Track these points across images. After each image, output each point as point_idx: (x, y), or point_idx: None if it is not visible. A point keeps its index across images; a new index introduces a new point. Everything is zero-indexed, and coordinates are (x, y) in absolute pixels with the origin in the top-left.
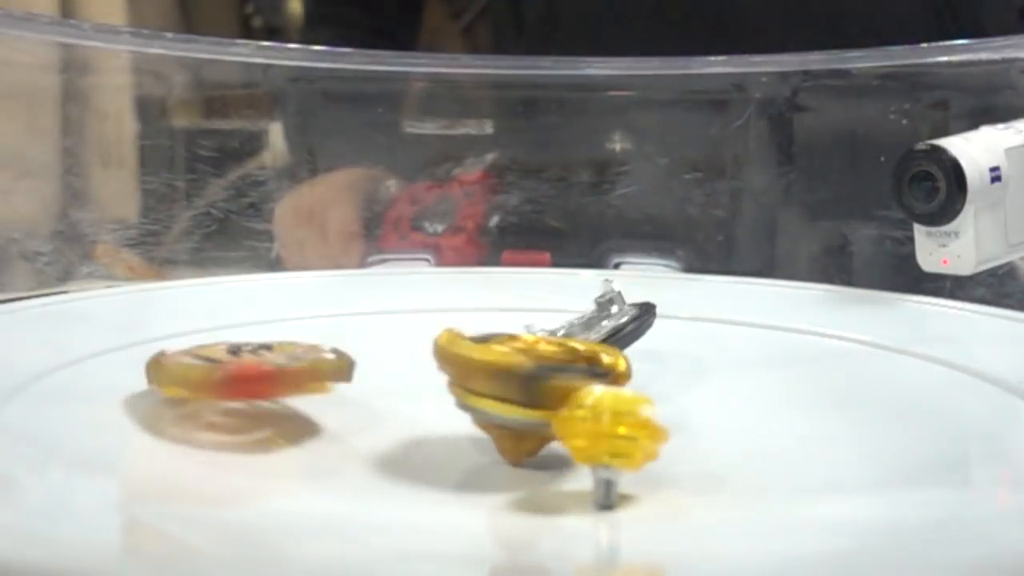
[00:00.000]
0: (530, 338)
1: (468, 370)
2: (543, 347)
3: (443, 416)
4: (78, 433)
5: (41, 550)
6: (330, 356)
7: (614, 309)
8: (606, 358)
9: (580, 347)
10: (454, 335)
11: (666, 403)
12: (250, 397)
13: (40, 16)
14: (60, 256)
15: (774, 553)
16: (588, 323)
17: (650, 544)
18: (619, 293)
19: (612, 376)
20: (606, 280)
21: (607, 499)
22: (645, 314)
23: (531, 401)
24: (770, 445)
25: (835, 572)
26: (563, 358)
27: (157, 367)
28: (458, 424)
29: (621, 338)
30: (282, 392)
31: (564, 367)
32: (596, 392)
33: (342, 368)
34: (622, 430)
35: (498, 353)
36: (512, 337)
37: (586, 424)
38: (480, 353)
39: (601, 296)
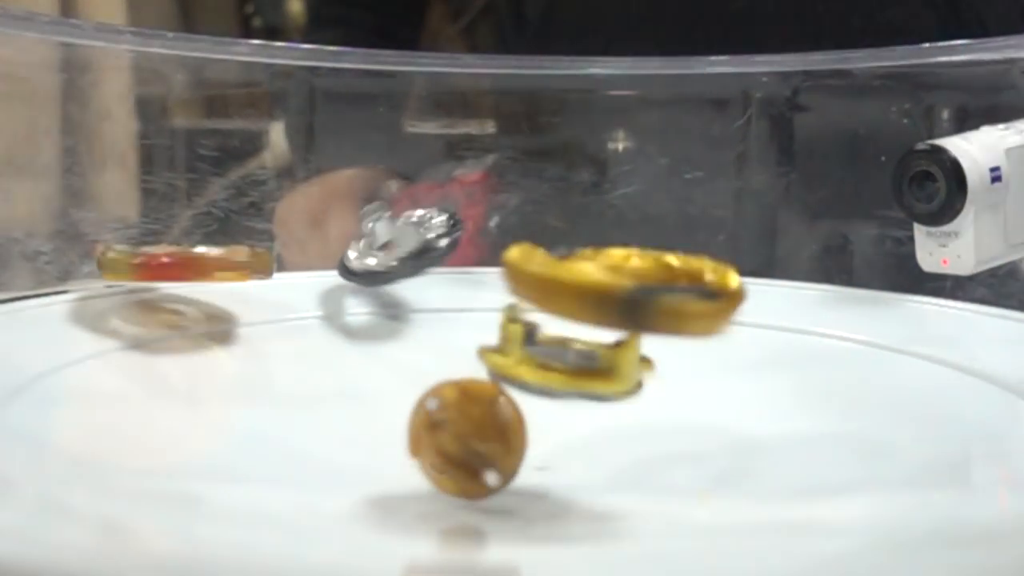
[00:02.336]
0: (619, 253)
1: (551, 293)
2: (637, 263)
3: None
4: (78, 433)
5: (40, 550)
6: (245, 251)
7: (432, 226)
8: (711, 275)
9: (675, 262)
10: (529, 250)
11: (665, 403)
12: (160, 279)
13: (41, 16)
14: (61, 256)
15: (773, 553)
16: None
17: (649, 544)
18: (436, 211)
19: (725, 297)
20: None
21: None
22: (454, 230)
23: (633, 326)
24: (770, 445)
25: (834, 573)
26: (660, 276)
27: (103, 259)
28: None
29: (434, 258)
30: (193, 277)
31: (669, 287)
32: None
33: (258, 263)
34: None
35: (589, 272)
36: (596, 252)
37: None
38: (567, 273)
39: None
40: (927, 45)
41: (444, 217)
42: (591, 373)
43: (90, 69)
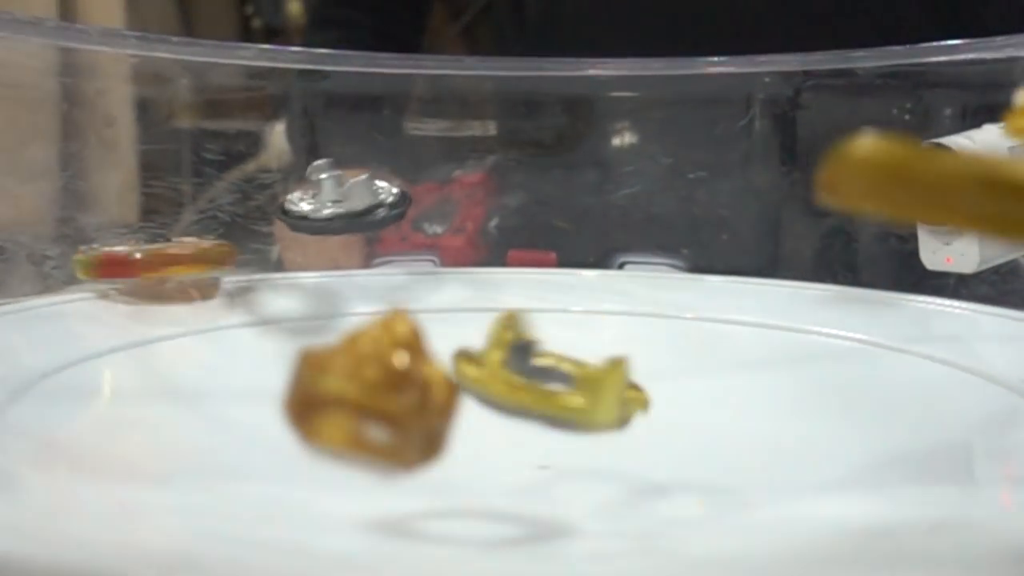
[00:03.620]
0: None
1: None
2: None
3: None
4: (82, 432)
5: (46, 547)
6: (208, 243)
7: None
8: None
9: None
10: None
11: (669, 402)
12: (121, 276)
13: (46, 20)
14: (67, 260)
15: (775, 552)
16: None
17: (649, 543)
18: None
19: None
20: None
21: None
22: (398, 205)
23: None
24: (773, 444)
25: (836, 571)
26: None
27: (75, 262)
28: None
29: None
30: (156, 271)
31: None
32: None
33: (221, 254)
34: None
35: None
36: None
37: None
38: None
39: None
40: (929, 44)
41: (396, 191)
42: (568, 397)
43: (95, 73)
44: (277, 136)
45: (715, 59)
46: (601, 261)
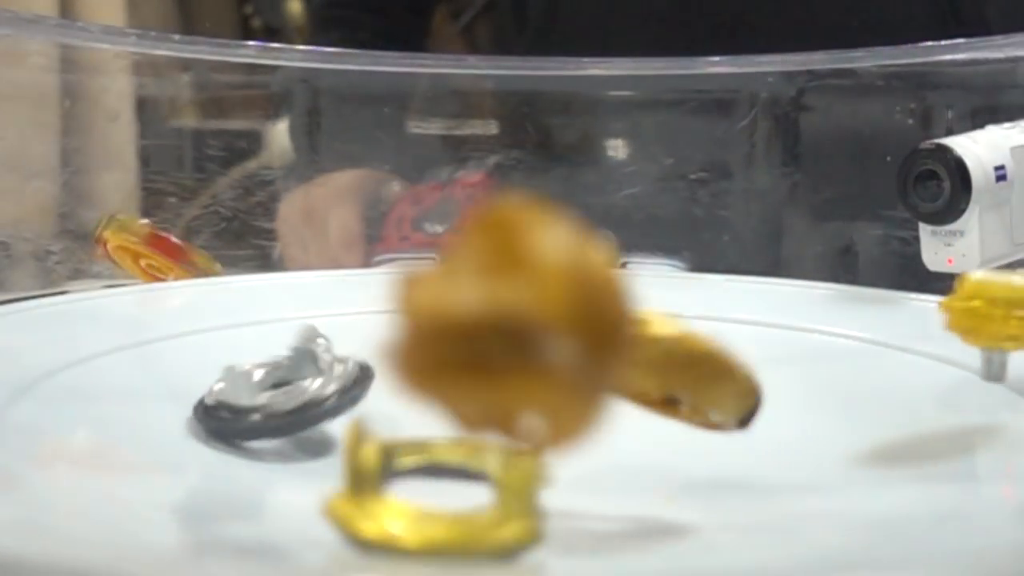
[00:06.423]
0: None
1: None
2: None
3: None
4: (85, 431)
5: (47, 545)
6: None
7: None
8: None
9: None
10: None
11: None
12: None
13: (48, 19)
14: (71, 255)
15: (778, 550)
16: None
17: (651, 542)
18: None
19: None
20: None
21: (1000, 375)
22: (357, 386)
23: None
24: (775, 442)
25: (839, 568)
26: None
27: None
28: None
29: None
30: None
31: None
32: (986, 280)
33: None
34: (1015, 318)
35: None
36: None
37: (980, 314)
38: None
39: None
40: (931, 44)
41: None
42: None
43: (97, 70)
44: (279, 134)
45: (717, 59)
46: None
